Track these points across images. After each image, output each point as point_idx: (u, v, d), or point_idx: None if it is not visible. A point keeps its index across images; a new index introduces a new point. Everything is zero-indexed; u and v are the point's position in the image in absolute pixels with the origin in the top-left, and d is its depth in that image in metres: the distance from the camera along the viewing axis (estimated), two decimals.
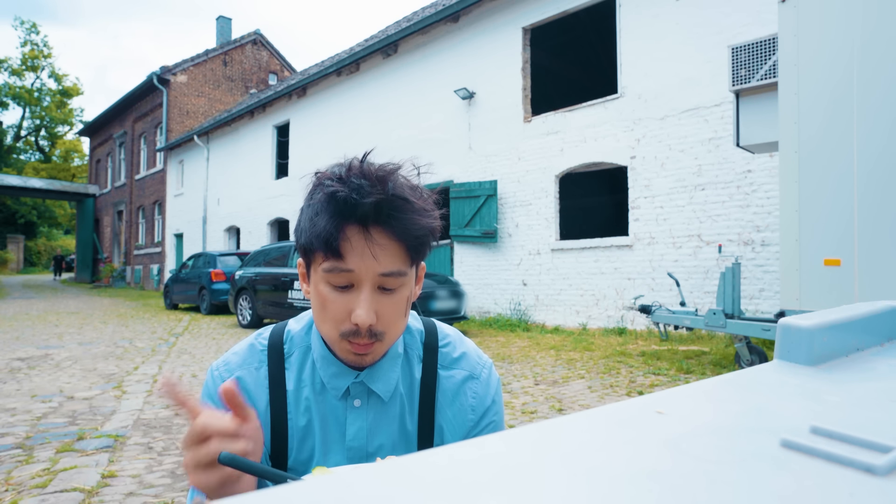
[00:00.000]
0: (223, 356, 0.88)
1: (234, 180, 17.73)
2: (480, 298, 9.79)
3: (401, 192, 0.73)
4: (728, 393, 0.38)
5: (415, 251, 0.77)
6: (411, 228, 0.74)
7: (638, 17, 7.91)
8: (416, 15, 13.45)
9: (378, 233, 0.73)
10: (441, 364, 0.89)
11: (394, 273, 0.75)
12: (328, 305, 0.76)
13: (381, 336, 0.77)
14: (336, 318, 0.76)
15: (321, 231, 0.72)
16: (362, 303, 0.74)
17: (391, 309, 0.77)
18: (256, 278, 9.15)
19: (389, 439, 0.84)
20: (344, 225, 0.72)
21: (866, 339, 0.48)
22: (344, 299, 0.75)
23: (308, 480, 0.23)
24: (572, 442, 0.28)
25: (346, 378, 0.82)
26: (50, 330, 9.01)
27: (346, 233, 0.72)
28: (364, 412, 0.84)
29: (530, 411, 3.80)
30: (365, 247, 0.73)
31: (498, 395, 0.93)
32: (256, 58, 23.85)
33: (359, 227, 0.72)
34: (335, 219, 0.72)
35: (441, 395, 0.88)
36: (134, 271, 23.99)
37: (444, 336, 0.92)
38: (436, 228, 0.78)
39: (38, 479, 2.62)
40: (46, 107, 42.88)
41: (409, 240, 0.75)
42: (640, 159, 7.79)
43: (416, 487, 0.22)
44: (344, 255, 0.73)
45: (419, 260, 0.80)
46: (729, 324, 4.62)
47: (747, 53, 4.75)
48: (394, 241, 0.74)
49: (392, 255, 0.74)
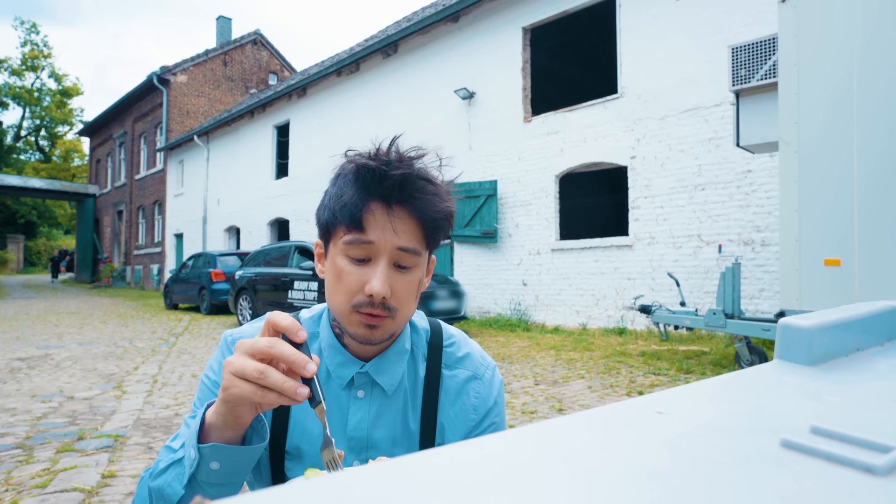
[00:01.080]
0: (241, 326, 0.90)
1: (234, 180, 17.73)
2: (480, 298, 9.79)
3: (425, 173, 0.79)
4: (728, 393, 0.38)
5: (431, 233, 0.80)
6: (430, 209, 0.78)
7: (638, 17, 7.91)
8: (416, 15, 13.45)
9: (400, 209, 0.77)
10: (445, 363, 0.91)
11: (410, 249, 0.78)
12: (343, 277, 0.78)
13: (394, 312, 0.78)
14: (350, 290, 0.77)
15: (346, 202, 0.76)
16: (378, 274, 0.76)
17: (404, 287, 0.79)
18: (256, 278, 9.15)
19: (390, 433, 0.85)
20: (368, 199, 0.76)
21: (866, 339, 0.48)
22: (360, 272, 0.77)
23: (308, 481, 0.23)
24: (572, 442, 0.28)
25: (351, 368, 0.84)
26: (50, 330, 9.01)
27: (370, 206, 0.76)
28: (367, 403, 0.85)
29: (530, 411, 3.80)
30: (387, 220, 0.76)
31: (500, 396, 0.94)
32: (256, 58, 23.85)
33: (382, 202, 0.76)
34: (361, 192, 0.76)
35: (444, 393, 0.89)
36: (134, 271, 23.99)
37: (449, 336, 0.94)
38: (451, 214, 0.82)
39: (38, 479, 2.62)
40: (46, 107, 42.86)
41: (427, 220, 0.78)
42: (640, 159, 7.79)
43: (416, 487, 0.22)
44: (366, 227, 0.76)
45: (433, 245, 0.83)
46: (729, 324, 4.62)
47: (747, 53, 4.75)
48: (413, 220, 0.78)
49: (410, 232, 0.78)
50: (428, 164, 0.80)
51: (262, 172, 16.34)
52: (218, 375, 0.83)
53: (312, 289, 7.78)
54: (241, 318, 9.65)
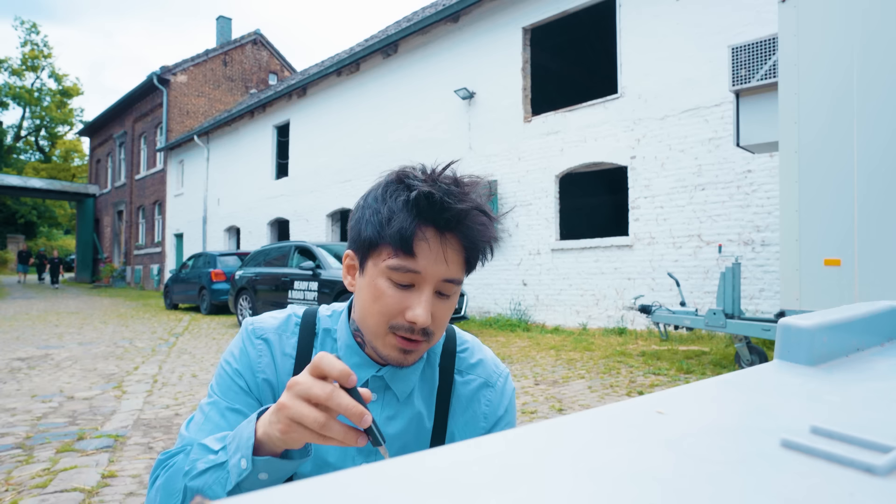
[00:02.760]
0: (262, 315, 0.90)
1: (234, 180, 17.73)
2: (480, 298, 9.79)
3: (483, 206, 0.77)
4: (728, 393, 0.38)
5: (473, 262, 0.79)
6: (479, 241, 0.77)
7: (638, 16, 7.91)
8: (416, 15, 13.45)
9: (453, 239, 0.75)
10: (458, 369, 0.90)
11: (455, 280, 0.77)
12: (383, 299, 0.76)
13: (431, 338, 0.79)
14: (389, 312, 0.76)
15: (399, 227, 0.73)
16: (423, 304, 0.75)
17: (443, 313, 0.79)
18: (256, 278, 9.15)
19: (401, 438, 0.85)
20: (423, 226, 0.74)
21: (866, 339, 0.48)
22: (401, 296, 0.76)
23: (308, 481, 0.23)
24: (572, 442, 0.28)
25: (367, 370, 0.83)
26: (50, 330, 9.01)
27: (425, 233, 0.74)
28: (378, 407, 0.84)
29: (530, 411, 3.80)
30: (439, 250, 0.75)
31: (511, 404, 0.93)
32: (256, 58, 23.85)
33: (436, 230, 0.74)
34: (417, 218, 0.74)
35: (455, 400, 0.88)
36: (134, 271, 23.99)
37: (463, 342, 0.93)
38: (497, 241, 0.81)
39: (38, 479, 2.62)
40: (46, 107, 42.87)
41: (473, 251, 0.77)
42: (640, 159, 7.79)
43: (416, 487, 0.22)
44: (417, 254, 0.74)
45: (472, 271, 0.82)
46: (729, 324, 4.62)
47: (747, 53, 4.75)
48: (461, 250, 0.77)
49: (457, 262, 0.77)
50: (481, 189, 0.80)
51: (262, 172, 16.34)
52: (239, 363, 0.84)
53: (312, 289, 7.78)
54: (241, 319, 9.65)
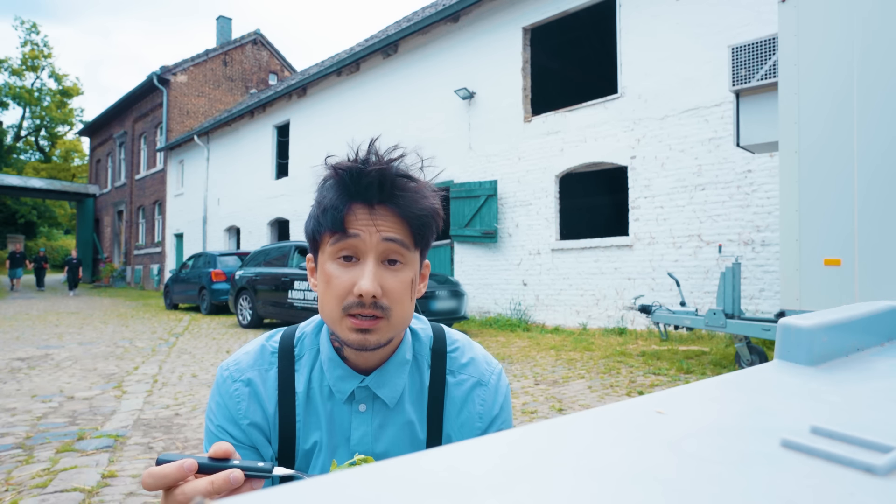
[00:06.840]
0: (234, 355, 0.88)
1: (234, 180, 17.73)
2: (480, 298, 9.78)
3: (403, 171, 0.78)
4: (728, 393, 0.38)
5: (418, 231, 0.79)
6: (414, 207, 0.77)
7: (638, 16, 7.91)
8: (416, 15, 13.44)
9: (382, 208, 0.76)
10: (449, 369, 0.89)
11: (397, 240, 0.76)
12: (333, 282, 0.77)
13: (388, 312, 0.76)
14: (340, 293, 0.76)
15: (328, 206, 0.76)
16: (366, 273, 0.75)
17: (395, 285, 0.77)
18: (257, 278, 9.15)
19: (396, 446, 0.84)
20: (350, 201, 0.76)
21: (866, 339, 0.48)
22: (349, 273, 0.76)
23: (307, 480, 0.23)
24: (572, 442, 0.28)
25: (351, 382, 0.82)
26: (50, 330, 9.01)
27: (352, 207, 0.76)
28: (369, 417, 0.83)
29: (530, 411, 3.80)
30: (369, 219, 0.76)
31: (507, 401, 0.92)
32: (256, 58, 23.85)
33: (364, 203, 0.76)
34: (342, 195, 0.76)
35: (449, 402, 0.87)
36: (134, 271, 23.99)
37: (453, 341, 0.92)
38: (438, 210, 0.81)
39: (38, 479, 2.62)
40: (46, 107, 42.85)
41: (411, 218, 0.77)
42: (640, 159, 7.79)
43: (416, 488, 0.22)
44: (349, 228, 0.76)
45: (423, 246, 0.81)
46: (729, 324, 4.62)
47: (747, 53, 4.75)
48: (397, 217, 0.77)
49: (395, 226, 0.77)
50: (410, 164, 0.79)
51: (262, 172, 16.34)
52: (218, 418, 0.83)
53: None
54: (241, 319, 9.65)
